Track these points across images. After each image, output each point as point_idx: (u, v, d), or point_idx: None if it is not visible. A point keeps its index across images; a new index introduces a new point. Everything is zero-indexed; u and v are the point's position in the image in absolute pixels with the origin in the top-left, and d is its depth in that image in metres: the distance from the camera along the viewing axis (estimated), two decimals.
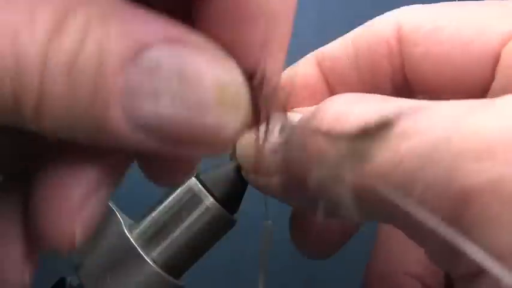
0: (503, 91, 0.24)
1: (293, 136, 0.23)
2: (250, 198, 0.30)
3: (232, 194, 0.30)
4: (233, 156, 0.31)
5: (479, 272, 0.18)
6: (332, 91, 0.29)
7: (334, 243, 0.32)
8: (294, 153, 0.23)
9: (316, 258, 0.31)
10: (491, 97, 0.24)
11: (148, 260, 0.29)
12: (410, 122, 0.20)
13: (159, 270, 0.29)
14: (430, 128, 0.19)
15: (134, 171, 0.22)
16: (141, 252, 0.29)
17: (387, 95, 0.28)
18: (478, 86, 0.26)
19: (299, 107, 0.29)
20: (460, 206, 0.18)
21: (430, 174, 0.19)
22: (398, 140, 0.19)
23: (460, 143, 0.18)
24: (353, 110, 0.21)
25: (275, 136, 0.24)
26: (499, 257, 0.17)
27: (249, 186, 0.30)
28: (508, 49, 0.25)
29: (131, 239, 0.30)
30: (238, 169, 0.30)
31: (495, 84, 0.25)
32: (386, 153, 0.19)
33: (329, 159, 0.21)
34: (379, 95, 0.23)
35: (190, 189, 0.30)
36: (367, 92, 0.27)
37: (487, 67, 0.25)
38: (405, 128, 0.19)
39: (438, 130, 0.19)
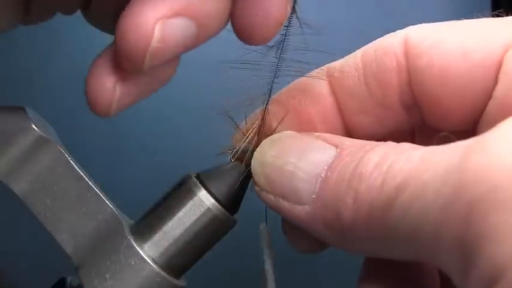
0: (505, 96, 0.24)
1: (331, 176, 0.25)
2: (250, 199, 0.30)
3: (233, 194, 0.30)
4: (233, 157, 0.31)
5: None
6: (340, 104, 0.30)
7: None
8: (335, 188, 0.25)
9: (308, 252, 0.31)
10: (494, 102, 0.25)
11: (148, 260, 0.29)
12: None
13: (160, 271, 0.29)
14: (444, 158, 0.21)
15: (134, 172, 0.22)
16: (141, 252, 0.29)
17: (394, 108, 0.29)
18: (480, 94, 0.26)
19: (308, 121, 0.30)
20: (466, 220, 0.18)
21: (444, 196, 0.20)
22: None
23: (467, 163, 0.19)
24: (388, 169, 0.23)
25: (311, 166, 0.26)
26: (502, 268, 0.17)
27: (249, 186, 0.30)
28: (510, 54, 0.25)
29: (131, 239, 0.30)
30: (241, 172, 0.30)
31: (497, 90, 0.25)
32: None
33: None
34: (407, 145, 0.24)
35: (190, 190, 0.30)
36: (374, 106, 0.29)
37: (490, 74, 0.26)
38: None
39: (453, 158, 0.20)
